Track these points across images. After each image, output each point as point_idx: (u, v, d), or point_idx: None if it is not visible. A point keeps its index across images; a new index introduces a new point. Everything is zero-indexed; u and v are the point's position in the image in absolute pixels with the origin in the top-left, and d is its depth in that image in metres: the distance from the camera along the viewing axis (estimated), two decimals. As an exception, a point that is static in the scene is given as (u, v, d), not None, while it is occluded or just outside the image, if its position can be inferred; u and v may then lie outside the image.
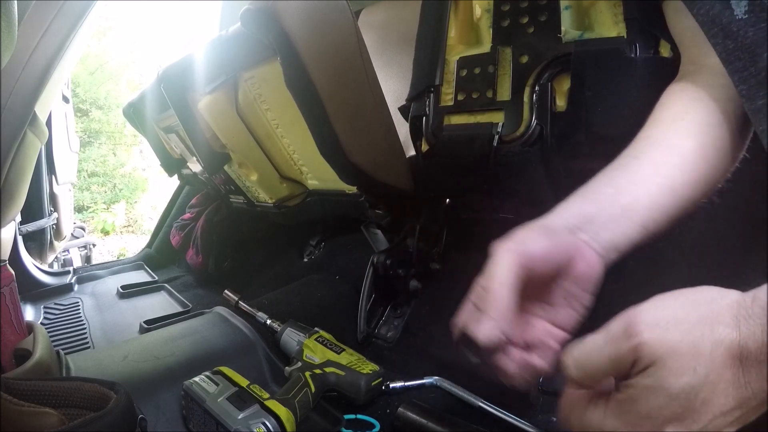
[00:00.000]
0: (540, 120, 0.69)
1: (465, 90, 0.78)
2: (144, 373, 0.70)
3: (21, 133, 0.78)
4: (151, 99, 1.15)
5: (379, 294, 0.94)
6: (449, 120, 0.80)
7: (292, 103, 0.67)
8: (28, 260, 1.40)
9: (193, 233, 1.51)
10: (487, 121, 0.75)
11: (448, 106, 0.80)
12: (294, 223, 1.20)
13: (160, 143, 1.41)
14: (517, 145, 0.71)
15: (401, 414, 0.64)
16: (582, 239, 0.43)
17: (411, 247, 0.94)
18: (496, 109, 0.74)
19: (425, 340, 0.89)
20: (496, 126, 0.73)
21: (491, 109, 0.75)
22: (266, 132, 0.93)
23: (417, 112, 0.83)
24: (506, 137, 0.72)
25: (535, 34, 0.72)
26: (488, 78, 0.75)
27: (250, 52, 0.77)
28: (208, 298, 1.32)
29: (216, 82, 0.88)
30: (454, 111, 0.79)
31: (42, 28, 0.71)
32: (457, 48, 0.81)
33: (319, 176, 0.96)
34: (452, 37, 0.82)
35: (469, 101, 0.77)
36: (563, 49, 0.67)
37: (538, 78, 0.70)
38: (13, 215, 0.99)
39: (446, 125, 0.80)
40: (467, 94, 0.78)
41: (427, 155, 0.83)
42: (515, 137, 0.71)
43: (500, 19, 0.75)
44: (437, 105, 0.81)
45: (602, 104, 0.65)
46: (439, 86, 0.81)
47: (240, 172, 1.07)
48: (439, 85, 0.81)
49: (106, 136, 6.40)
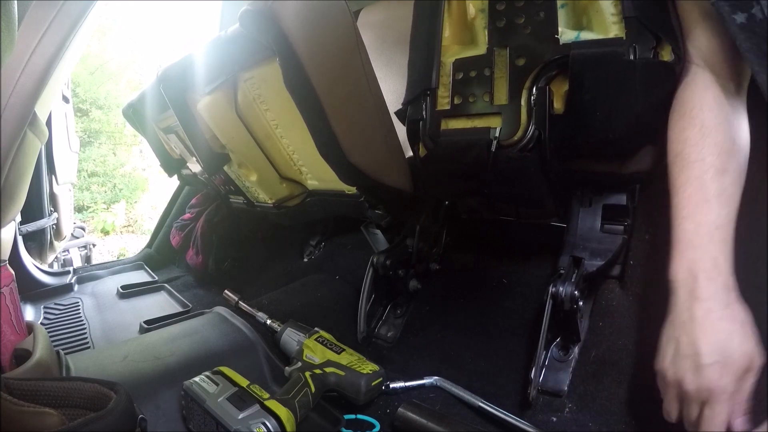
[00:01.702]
0: (538, 124, 0.68)
1: (461, 93, 0.77)
2: (144, 373, 0.70)
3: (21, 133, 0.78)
4: (151, 99, 1.15)
5: (379, 294, 0.94)
6: (446, 124, 0.79)
7: (291, 104, 0.67)
8: (28, 260, 1.40)
9: (193, 233, 1.51)
10: (485, 126, 0.73)
11: (445, 110, 0.78)
12: (294, 223, 1.20)
13: (159, 143, 1.41)
14: (516, 150, 0.70)
15: (401, 414, 0.64)
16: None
17: (411, 248, 0.94)
18: (493, 113, 0.73)
19: (425, 340, 0.89)
20: (494, 131, 0.71)
21: (488, 114, 0.74)
22: (266, 132, 0.93)
23: (414, 116, 0.81)
24: (504, 142, 0.71)
25: (532, 35, 0.70)
26: (485, 81, 0.74)
27: (249, 53, 0.77)
28: (208, 298, 1.32)
29: (215, 83, 0.88)
30: (451, 115, 0.78)
31: (42, 28, 0.71)
32: (452, 49, 0.80)
33: (318, 176, 0.96)
34: (447, 38, 0.80)
35: (466, 105, 0.76)
36: (560, 51, 0.66)
37: (536, 81, 0.68)
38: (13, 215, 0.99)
39: (444, 130, 0.79)
40: (464, 97, 0.76)
41: (425, 160, 0.82)
42: (513, 142, 0.70)
43: (496, 19, 0.74)
44: (434, 109, 0.79)
45: (601, 108, 0.64)
46: (435, 89, 0.79)
47: (240, 173, 1.07)
48: (435, 89, 0.79)
49: (106, 136, 6.40)
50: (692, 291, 0.50)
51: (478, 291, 0.92)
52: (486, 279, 0.93)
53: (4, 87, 0.69)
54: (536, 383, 0.67)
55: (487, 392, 0.69)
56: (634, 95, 0.59)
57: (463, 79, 0.77)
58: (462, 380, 0.73)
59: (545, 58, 0.68)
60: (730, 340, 0.47)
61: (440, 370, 0.77)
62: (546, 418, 0.65)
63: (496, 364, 0.78)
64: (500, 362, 0.78)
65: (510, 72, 0.72)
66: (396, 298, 0.97)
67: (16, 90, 0.72)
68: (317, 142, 0.69)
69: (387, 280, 0.92)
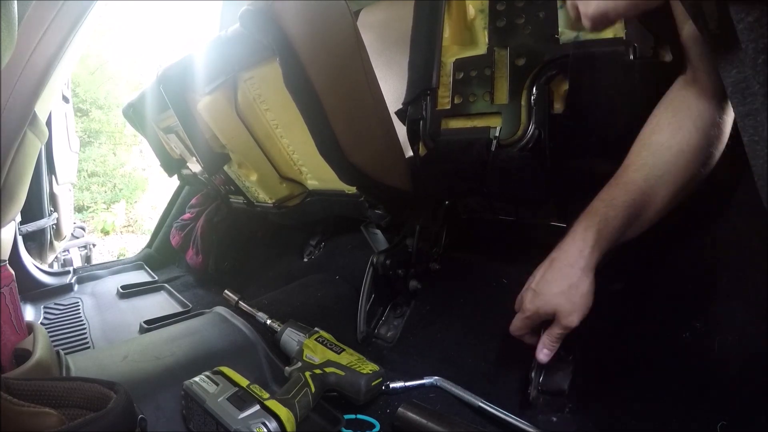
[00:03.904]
0: (538, 124, 0.68)
1: (462, 93, 0.77)
2: (144, 373, 0.70)
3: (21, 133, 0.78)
4: (151, 99, 1.15)
5: (378, 294, 0.94)
6: (446, 124, 0.79)
7: (291, 104, 0.67)
8: (28, 260, 1.40)
9: (193, 233, 1.51)
10: (485, 126, 0.74)
11: (446, 110, 0.79)
12: (294, 223, 1.20)
13: (159, 143, 1.41)
14: (516, 149, 0.70)
15: (401, 414, 0.64)
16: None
17: (411, 247, 0.94)
18: (493, 112, 0.74)
19: (425, 340, 0.89)
20: (494, 131, 0.72)
21: (489, 113, 0.74)
22: (266, 132, 0.93)
23: (414, 115, 0.82)
24: (504, 141, 0.71)
25: (532, 35, 0.71)
26: (485, 80, 0.75)
27: (250, 53, 0.77)
28: (208, 298, 1.32)
29: (215, 83, 0.88)
30: (452, 115, 0.78)
31: (42, 28, 0.71)
32: (452, 49, 0.80)
33: (318, 176, 0.96)
34: (447, 38, 0.81)
35: (466, 104, 0.77)
36: (561, 51, 0.67)
37: (536, 80, 0.69)
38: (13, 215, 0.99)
39: (444, 129, 0.79)
40: (464, 97, 0.77)
41: (425, 159, 0.82)
42: (513, 141, 0.70)
43: (496, 19, 0.74)
44: (434, 108, 0.80)
45: (601, 108, 0.64)
46: (435, 89, 0.80)
47: (240, 173, 1.07)
48: (436, 88, 0.80)
49: (106, 136, 6.40)
50: (562, 243, 0.61)
51: (478, 291, 0.92)
52: (486, 279, 0.93)
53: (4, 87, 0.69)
54: (536, 383, 0.67)
55: (487, 392, 0.69)
56: (634, 95, 0.59)
57: (463, 78, 0.77)
58: (462, 380, 0.73)
59: (545, 58, 0.68)
60: (550, 284, 0.59)
61: (440, 370, 0.77)
62: (546, 418, 0.65)
63: (496, 364, 0.78)
64: (500, 362, 0.78)
65: (510, 71, 0.72)
66: (396, 298, 0.97)
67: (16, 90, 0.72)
68: (317, 141, 0.69)
69: (387, 280, 0.92)
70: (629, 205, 0.55)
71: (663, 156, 0.55)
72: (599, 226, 0.56)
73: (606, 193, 0.58)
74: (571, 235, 0.59)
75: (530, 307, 0.61)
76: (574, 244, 0.58)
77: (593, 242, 0.56)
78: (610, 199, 0.57)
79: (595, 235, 0.56)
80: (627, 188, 0.56)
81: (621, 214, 0.56)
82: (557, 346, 0.61)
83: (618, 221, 0.56)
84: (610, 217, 0.56)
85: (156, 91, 1.04)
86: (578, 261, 0.57)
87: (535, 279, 0.62)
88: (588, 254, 0.57)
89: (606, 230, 0.56)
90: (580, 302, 0.57)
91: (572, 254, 0.58)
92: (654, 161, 0.55)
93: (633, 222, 0.57)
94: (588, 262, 0.57)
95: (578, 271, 0.57)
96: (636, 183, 0.56)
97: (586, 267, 0.57)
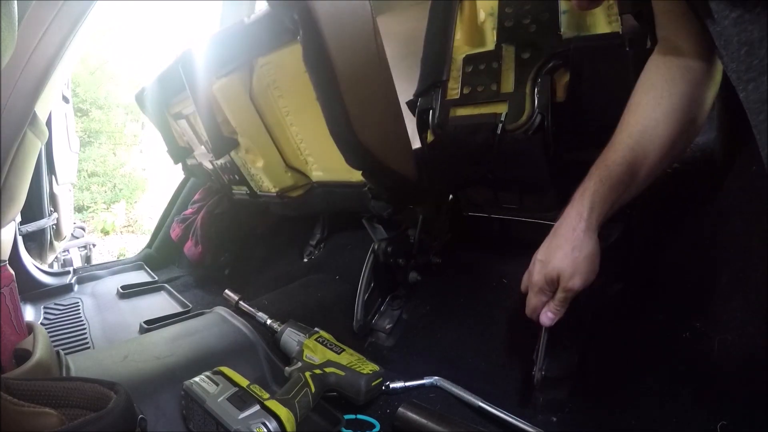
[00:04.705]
0: (541, 110, 0.72)
1: (470, 84, 0.82)
2: (144, 373, 0.70)
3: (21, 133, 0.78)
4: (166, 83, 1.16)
5: (378, 283, 0.94)
6: (455, 112, 0.83)
7: (304, 91, 0.68)
8: (28, 260, 1.40)
9: (193, 226, 1.51)
10: (492, 112, 0.78)
11: (454, 99, 0.83)
12: (296, 214, 1.20)
13: (168, 130, 1.41)
14: (520, 133, 0.74)
15: (401, 414, 0.64)
16: None
17: (413, 238, 0.94)
18: (499, 100, 0.78)
19: (425, 340, 0.89)
20: (500, 116, 0.76)
21: (495, 101, 0.78)
22: (276, 119, 0.94)
23: (424, 106, 0.86)
24: (509, 126, 0.75)
25: (537, 33, 0.76)
26: (493, 72, 0.79)
27: (269, 38, 0.78)
28: (208, 299, 1.32)
29: (232, 65, 0.89)
30: (460, 104, 0.82)
31: (42, 28, 0.71)
32: (463, 49, 0.85)
33: (324, 166, 0.96)
34: (458, 39, 0.85)
35: (474, 94, 0.81)
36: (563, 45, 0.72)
37: (540, 71, 0.73)
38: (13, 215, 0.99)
39: (452, 117, 0.83)
40: (473, 87, 0.81)
41: (433, 145, 0.85)
42: (518, 126, 0.74)
43: (504, 20, 0.81)
44: (444, 98, 0.84)
45: (599, 96, 0.69)
46: (445, 81, 0.84)
47: (246, 158, 1.08)
48: (446, 81, 0.84)
49: (106, 136, 6.39)
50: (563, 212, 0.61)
51: (479, 290, 0.92)
52: (487, 278, 0.93)
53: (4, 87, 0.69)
54: (540, 365, 0.66)
55: (487, 392, 0.69)
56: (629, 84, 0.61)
57: (472, 71, 0.83)
58: (462, 380, 0.73)
59: (549, 51, 0.73)
60: (554, 250, 0.60)
61: (440, 370, 0.77)
62: (546, 418, 0.65)
63: (496, 364, 0.78)
64: (500, 362, 0.78)
65: (516, 64, 0.78)
66: (395, 289, 0.97)
67: (16, 90, 0.72)
68: (328, 117, 0.70)
69: (387, 268, 0.92)
70: (621, 164, 0.57)
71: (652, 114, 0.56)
72: (595, 187, 0.58)
73: (600, 159, 0.60)
74: (570, 203, 0.60)
75: (538, 278, 0.61)
76: (573, 209, 0.59)
77: (591, 203, 0.58)
78: (603, 161, 0.59)
79: (592, 196, 0.58)
80: (618, 148, 0.58)
81: (615, 173, 0.57)
82: (562, 310, 0.61)
83: (612, 180, 0.57)
84: (604, 177, 0.57)
85: (172, 74, 1.05)
86: (579, 224, 0.58)
87: (540, 251, 0.63)
88: (587, 215, 0.58)
89: (602, 190, 0.57)
90: (583, 264, 0.57)
91: (573, 218, 0.59)
92: (643, 120, 0.56)
93: (628, 182, 0.57)
94: (589, 224, 0.58)
95: (580, 233, 0.58)
96: (626, 142, 0.57)
97: (588, 228, 0.58)
